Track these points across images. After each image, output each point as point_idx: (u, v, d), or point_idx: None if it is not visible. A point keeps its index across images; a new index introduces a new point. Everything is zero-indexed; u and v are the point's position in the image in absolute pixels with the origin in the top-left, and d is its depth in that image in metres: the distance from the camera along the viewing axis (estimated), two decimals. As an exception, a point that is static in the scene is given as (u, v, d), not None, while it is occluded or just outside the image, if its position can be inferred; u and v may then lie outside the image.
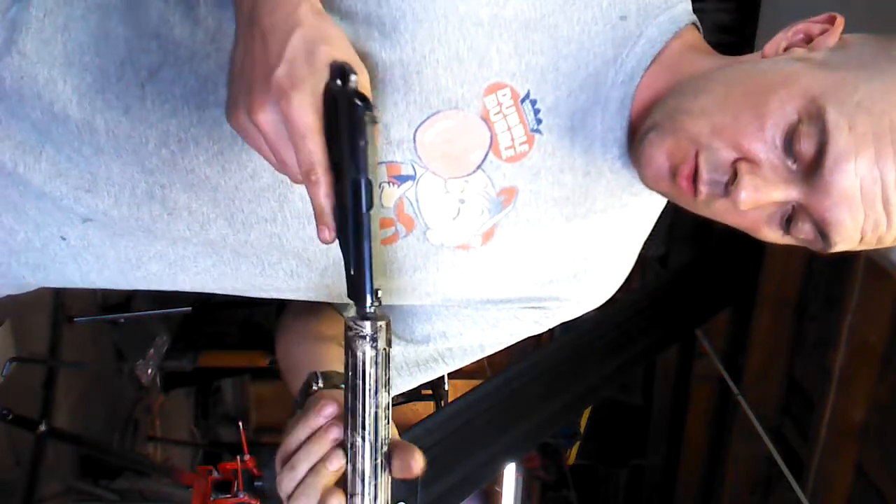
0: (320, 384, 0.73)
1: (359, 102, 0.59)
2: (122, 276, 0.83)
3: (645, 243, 0.90)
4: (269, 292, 0.85)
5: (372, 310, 0.62)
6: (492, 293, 0.85)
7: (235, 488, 2.09)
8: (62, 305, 2.78)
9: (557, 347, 2.75)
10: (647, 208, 0.85)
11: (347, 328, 0.63)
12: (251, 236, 0.77)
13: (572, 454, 4.73)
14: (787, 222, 0.67)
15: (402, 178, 0.74)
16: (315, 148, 0.59)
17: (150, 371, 3.27)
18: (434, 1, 0.69)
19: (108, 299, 3.13)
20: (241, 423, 2.31)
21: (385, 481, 0.65)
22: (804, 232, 0.66)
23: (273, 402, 4.29)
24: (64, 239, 0.80)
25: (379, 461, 0.64)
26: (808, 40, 0.71)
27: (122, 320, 3.14)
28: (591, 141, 0.75)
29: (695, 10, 0.78)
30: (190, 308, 3.22)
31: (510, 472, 4.05)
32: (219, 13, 0.72)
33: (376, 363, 0.63)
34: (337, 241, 0.62)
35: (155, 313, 3.26)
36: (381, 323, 0.63)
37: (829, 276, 3.00)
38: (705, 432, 4.06)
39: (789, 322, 3.31)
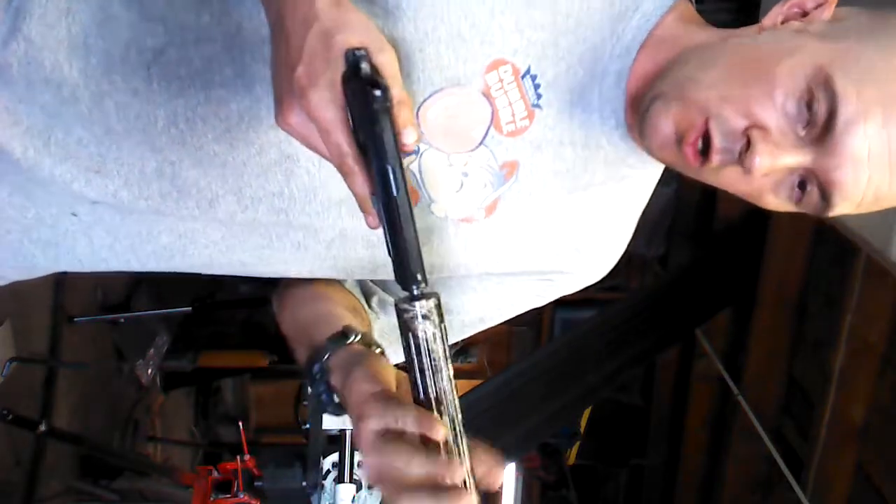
0: (356, 337, 0.74)
1: (372, 89, 0.59)
2: (133, 251, 0.84)
3: (645, 243, 0.91)
4: (275, 266, 0.85)
5: (420, 291, 0.62)
6: (495, 265, 0.86)
7: (235, 488, 2.09)
8: (62, 305, 2.78)
9: (557, 347, 2.75)
10: (643, 181, 0.87)
11: (401, 311, 0.63)
12: (259, 213, 0.78)
13: (572, 454, 4.73)
14: (793, 189, 0.68)
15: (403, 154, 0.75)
16: (340, 140, 0.60)
17: (150, 371, 3.27)
18: None
19: (108, 299, 3.13)
20: (241, 423, 2.31)
21: (467, 450, 0.64)
22: (808, 197, 0.68)
23: (273, 402, 4.29)
24: (75, 215, 0.81)
25: (458, 433, 0.64)
26: (804, 14, 0.73)
27: (122, 320, 3.14)
28: (589, 114, 0.77)
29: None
30: (190, 308, 3.22)
31: (510, 472, 4.04)
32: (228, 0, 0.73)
33: (438, 340, 0.63)
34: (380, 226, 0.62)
35: (155, 313, 3.26)
36: (433, 300, 0.63)
37: (829, 276, 3.00)
38: (705, 432, 4.06)
39: (789, 322, 3.31)
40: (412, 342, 0.63)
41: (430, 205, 0.79)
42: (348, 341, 0.74)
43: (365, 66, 0.59)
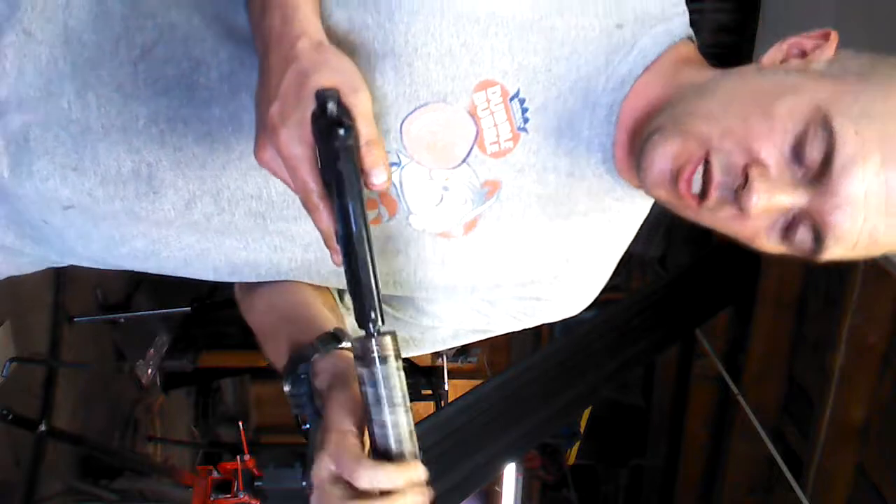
0: (347, 343, 0.73)
1: (337, 128, 0.60)
2: (108, 252, 0.84)
3: (645, 243, 0.90)
4: (251, 268, 0.84)
5: (377, 330, 0.62)
6: (471, 284, 0.85)
7: (235, 488, 2.09)
8: (62, 305, 2.78)
9: (557, 347, 2.75)
10: (629, 217, 0.86)
11: (357, 349, 0.62)
12: (236, 216, 0.78)
13: (572, 454, 4.73)
14: (786, 230, 0.68)
15: None
16: (306, 177, 0.62)
17: (150, 371, 3.27)
18: None
19: (108, 299, 3.13)
20: (241, 423, 2.31)
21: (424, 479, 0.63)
22: (801, 239, 0.67)
23: (273, 402, 4.29)
24: (46, 223, 0.81)
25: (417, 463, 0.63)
26: (803, 55, 0.72)
27: (122, 320, 3.14)
28: (576, 143, 0.76)
29: (695, 11, 0.78)
30: (190, 308, 3.22)
31: (510, 472, 4.04)
32: (220, 2, 0.74)
33: (395, 378, 0.62)
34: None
35: (155, 313, 3.26)
36: (389, 339, 0.62)
37: (829, 276, 3.00)
38: (705, 432, 4.06)
39: (789, 322, 3.31)
40: (367, 381, 0.62)
41: (409, 216, 0.78)
42: (340, 345, 0.73)
43: (332, 105, 0.60)
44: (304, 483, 0.76)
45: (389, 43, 0.70)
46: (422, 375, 3.60)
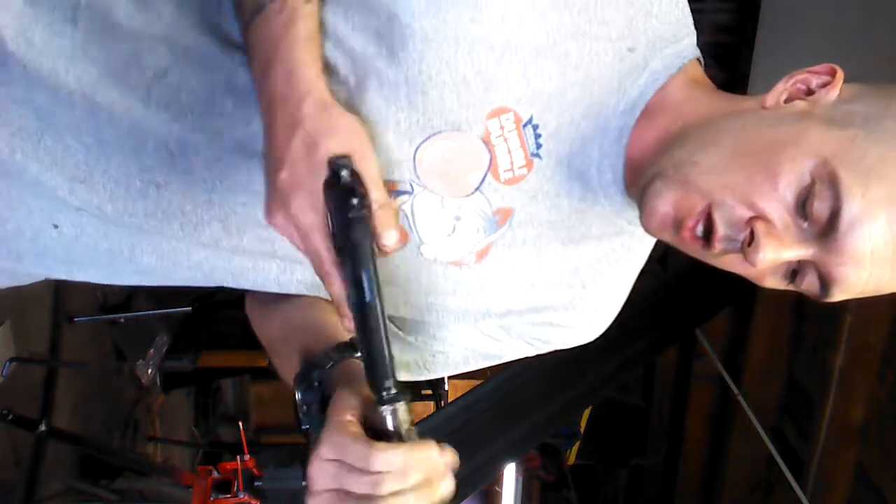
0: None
1: (351, 198, 0.61)
2: (112, 269, 0.83)
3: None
4: (260, 285, 0.84)
5: (389, 396, 0.63)
6: (483, 309, 0.85)
7: (235, 488, 2.09)
8: (62, 305, 2.78)
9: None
10: (641, 239, 0.85)
11: (368, 414, 0.64)
12: (244, 240, 0.78)
13: (572, 454, 4.72)
14: (793, 274, 0.68)
15: (398, 193, 0.75)
16: (318, 245, 0.63)
17: (150, 371, 3.27)
18: (445, 22, 0.68)
19: (108, 299, 3.13)
20: (241, 423, 2.31)
21: None
22: (808, 283, 0.68)
23: (273, 402, 4.28)
24: (56, 227, 0.80)
25: None
26: (809, 92, 0.71)
27: (122, 320, 3.14)
28: (587, 166, 0.76)
29: (695, 11, 0.78)
30: (190, 308, 3.22)
31: (510, 472, 4.04)
32: (235, 28, 0.72)
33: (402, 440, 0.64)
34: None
35: (155, 313, 3.25)
36: (402, 404, 0.63)
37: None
38: (705, 432, 4.06)
39: (789, 322, 3.31)
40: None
41: (420, 246, 0.78)
42: (355, 354, 0.72)
43: (346, 174, 0.60)
44: (304, 483, 0.76)
45: (403, 72, 0.69)
46: (422, 375, 3.59)
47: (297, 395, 0.72)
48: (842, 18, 2.47)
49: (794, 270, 0.68)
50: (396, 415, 0.63)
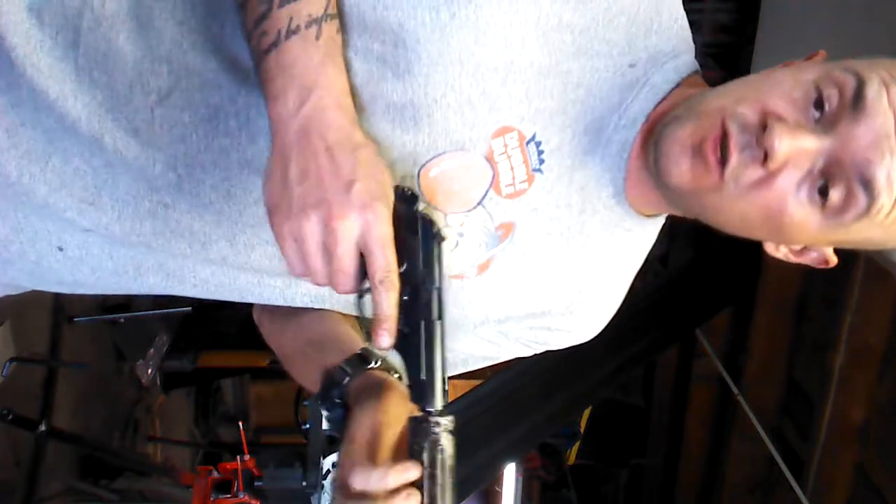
0: (377, 363, 0.73)
1: (429, 222, 0.65)
2: (118, 285, 0.84)
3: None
4: (265, 299, 0.85)
5: (439, 410, 0.65)
6: (482, 318, 0.86)
7: (235, 488, 2.09)
8: (62, 305, 2.78)
9: (557, 347, 2.74)
10: (638, 243, 0.86)
11: (416, 426, 0.64)
12: (251, 258, 0.79)
13: (572, 454, 4.72)
14: (820, 192, 0.66)
15: None
16: (392, 257, 0.64)
17: (150, 371, 3.27)
18: (449, 45, 0.68)
19: (108, 299, 3.13)
20: (241, 423, 2.31)
21: None
22: (845, 191, 0.65)
23: (273, 402, 4.28)
24: (61, 250, 0.80)
25: None
26: None
27: (122, 320, 3.14)
28: (588, 179, 0.77)
29: (695, 10, 0.79)
30: (190, 308, 3.22)
31: (510, 472, 4.04)
32: (237, 46, 0.72)
33: (445, 461, 0.64)
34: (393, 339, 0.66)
35: (155, 313, 3.25)
36: (448, 421, 0.64)
37: (829, 276, 3.00)
38: (705, 432, 4.06)
39: (789, 322, 3.31)
40: (429, 457, 0.63)
41: None
42: (368, 366, 0.72)
43: (421, 203, 0.66)
44: (304, 483, 0.76)
45: (409, 94, 0.70)
46: (422, 375, 3.59)
47: (323, 414, 0.72)
48: (842, 18, 2.47)
49: (824, 186, 0.65)
50: (438, 444, 0.63)
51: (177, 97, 0.73)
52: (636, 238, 0.84)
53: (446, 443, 0.63)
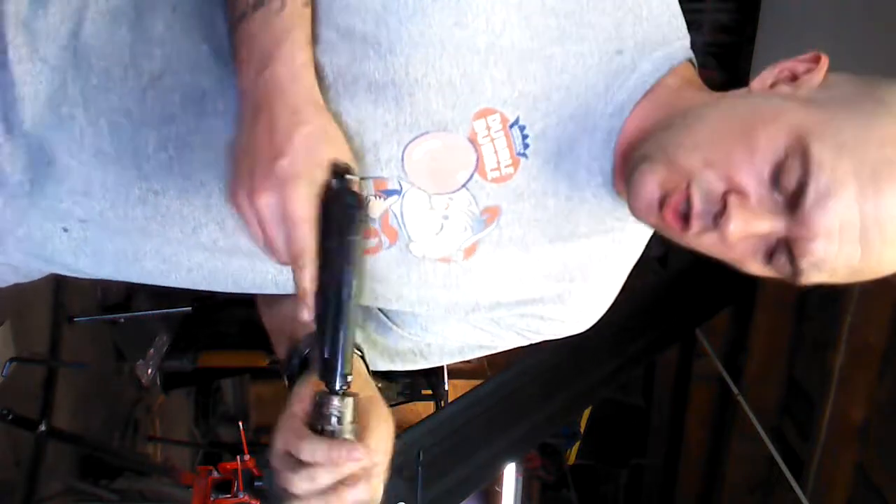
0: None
1: (353, 202, 0.65)
2: (118, 271, 0.86)
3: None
4: (257, 288, 0.86)
5: (341, 391, 0.68)
6: (472, 303, 0.86)
7: (235, 488, 2.09)
8: (62, 305, 2.78)
9: (557, 347, 2.74)
10: (633, 235, 0.86)
11: (317, 404, 0.69)
12: (241, 241, 0.79)
13: (572, 454, 4.73)
14: (769, 256, 0.68)
15: (388, 192, 0.76)
16: (306, 236, 0.65)
17: (150, 371, 3.27)
18: (431, 27, 0.69)
19: (108, 299, 3.13)
20: (241, 423, 2.31)
21: None
22: (782, 263, 0.68)
23: (273, 402, 4.29)
24: (66, 230, 0.82)
25: None
26: (794, 78, 0.72)
27: (122, 320, 3.14)
28: (576, 168, 0.77)
29: (695, 10, 0.78)
30: (190, 308, 3.22)
31: (510, 472, 4.04)
32: (226, 31, 0.74)
33: (344, 437, 0.69)
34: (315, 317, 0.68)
35: (155, 313, 3.26)
36: (353, 400, 0.69)
37: (829, 276, 3.00)
38: (705, 432, 4.06)
39: (789, 322, 3.31)
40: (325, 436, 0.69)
41: (409, 244, 0.79)
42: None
43: (352, 180, 0.66)
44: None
45: (390, 74, 0.71)
46: (422, 375, 3.60)
47: (286, 383, 0.79)
48: (842, 18, 2.47)
49: (770, 252, 0.68)
50: (342, 410, 0.68)
51: (168, 78, 0.75)
52: (629, 229, 0.84)
53: (336, 424, 0.68)
